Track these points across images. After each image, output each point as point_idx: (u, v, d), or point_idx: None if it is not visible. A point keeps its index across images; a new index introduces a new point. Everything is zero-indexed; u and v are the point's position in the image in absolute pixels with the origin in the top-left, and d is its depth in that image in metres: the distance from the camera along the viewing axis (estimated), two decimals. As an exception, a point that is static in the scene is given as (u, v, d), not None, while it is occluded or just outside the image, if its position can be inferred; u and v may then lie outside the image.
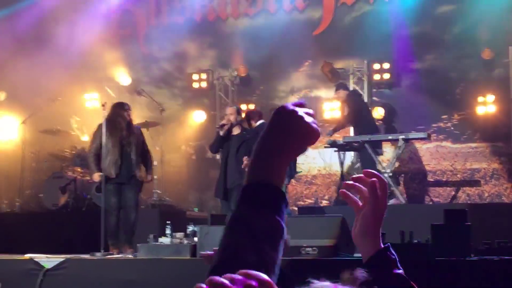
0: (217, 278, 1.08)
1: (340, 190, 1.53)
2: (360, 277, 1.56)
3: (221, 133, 8.68)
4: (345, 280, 1.55)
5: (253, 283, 1.07)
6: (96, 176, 8.33)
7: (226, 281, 1.07)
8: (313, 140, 1.31)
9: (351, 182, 1.54)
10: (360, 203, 1.55)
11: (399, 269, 1.48)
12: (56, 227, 9.29)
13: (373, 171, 1.55)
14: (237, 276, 1.09)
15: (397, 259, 1.49)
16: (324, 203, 11.42)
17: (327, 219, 7.26)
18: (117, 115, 8.38)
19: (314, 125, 1.30)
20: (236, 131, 8.72)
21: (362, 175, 1.54)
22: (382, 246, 1.51)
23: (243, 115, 9.23)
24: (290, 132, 1.28)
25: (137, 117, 11.80)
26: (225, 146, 8.77)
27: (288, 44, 11.90)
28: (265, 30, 12.02)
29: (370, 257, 1.55)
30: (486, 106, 10.78)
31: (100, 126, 8.25)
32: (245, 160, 8.22)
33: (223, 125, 8.73)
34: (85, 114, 11.66)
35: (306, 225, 7.18)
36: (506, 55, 10.74)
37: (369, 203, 1.51)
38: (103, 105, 8.40)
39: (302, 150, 1.31)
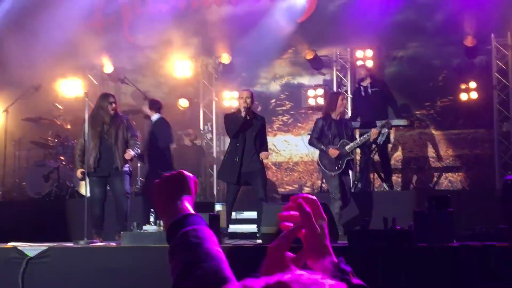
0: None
1: (280, 224, 1.56)
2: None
3: (243, 115, 8.38)
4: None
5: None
6: (78, 173, 8.36)
7: None
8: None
9: (284, 213, 1.56)
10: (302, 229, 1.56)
11: (357, 279, 1.48)
12: (39, 215, 9.24)
13: (299, 194, 1.60)
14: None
15: (352, 271, 1.48)
16: (306, 190, 11.46)
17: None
18: (99, 108, 8.39)
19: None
20: (250, 115, 8.51)
21: (290, 203, 1.56)
22: (336, 260, 1.50)
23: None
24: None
25: (121, 105, 11.83)
26: (241, 130, 8.45)
27: (272, 32, 11.88)
28: (248, 17, 11.99)
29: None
30: (469, 93, 10.86)
31: (84, 121, 8.23)
32: (264, 156, 8.38)
33: (247, 108, 8.40)
34: (68, 102, 11.61)
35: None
36: (488, 42, 10.82)
37: (305, 223, 1.52)
38: (85, 93, 8.34)
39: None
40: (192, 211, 1.58)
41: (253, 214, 8.69)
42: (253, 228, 8.61)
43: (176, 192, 1.62)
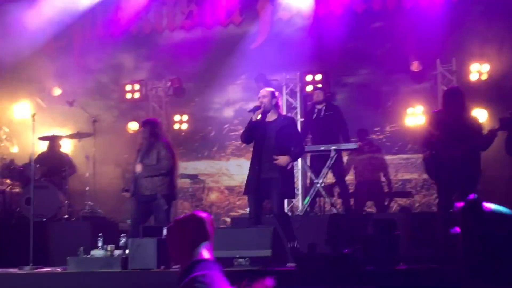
0: None
1: None
2: (270, 285, 1.60)
3: (254, 118, 7.44)
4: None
5: None
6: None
7: None
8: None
9: None
10: None
11: None
12: (-17, 240, 9.02)
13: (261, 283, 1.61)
14: None
15: None
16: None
17: (259, 230, 7.27)
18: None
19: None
20: (271, 117, 7.55)
21: None
22: None
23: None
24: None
25: (69, 128, 11.70)
26: (258, 134, 7.51)
27: (225, 57, 11.96)
28: (201, 43, 12.06)
29: None
30: (415, 117, 11.12)
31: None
32: (283, 162, 7.31)
33: (257, 107, 7.51)
34: (15, 125, 11.44)
35: (239, 236, 7.18)
36: (434, 67, 11.10)
37: None
38: (32, 116, 8.22)
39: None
40: (206, 256, 1.57)
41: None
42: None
43: (192, 238, 1.60)
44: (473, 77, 10.80)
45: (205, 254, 1.54)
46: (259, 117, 7.45)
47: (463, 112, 7.51)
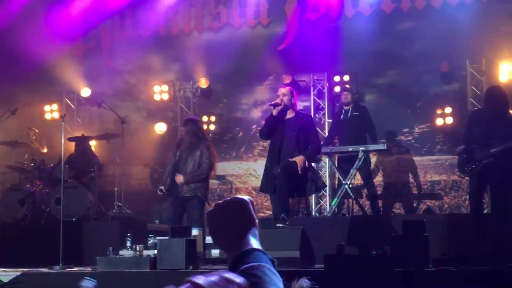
0: (197, 280, 1.09)
1: None
2: (305, 285, 1.57)
3: (274, 112, 7.54)
4: None
5: (232, 287, 1.10)
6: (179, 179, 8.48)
7: (205, 284, 1.08)
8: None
9: None
10: None
11: None
12: (14, 240, 9.12)
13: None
14: (215, 279, 1.10)
15: None
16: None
17: (287, 231, 7.26)
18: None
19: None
20: (289, 114, 7.64)
21: None
22: None
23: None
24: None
25: (98, 129, 11.79)
26: (277, 132, 7.62)
27: (252, 58, 11.98)
28: (229, 44, 12.08)
29: None
30: (444, 118, 11.03)
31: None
32: (299, 162, 7.34)
33: (277, 104, 7.58)
34: (45, 126, 11.56)
35: (266, 237, 7.17)
36: (464, 68, 11.01)
37: None
38: (62, 117, 8.31)
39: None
40: (255, 246, 1.46)
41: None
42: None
43: (238, 224, 1.51)
44: (503, 77, 10.68)
45: (254, 243, 1.45)
46: (275, 112, 7.53)
47: (505, 110, 7.48)
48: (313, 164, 8.11)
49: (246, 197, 1.55)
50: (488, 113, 7.56)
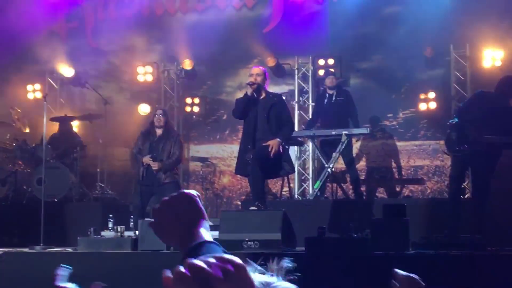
0: (195, 261, 1.08)
1: None
2: (285, 266, 1.56)
3: (249, 92, 7.53)
4: (272, 270, 1.55)
5: (229, 267, 1.10)
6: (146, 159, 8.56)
7: (204, 265, 1.07)
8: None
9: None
10: None
11: None
12: (-6, 219, 9.09)
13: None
14: (212, 260, 1.09)
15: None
16: (269, 197, 11.45)
17: (268, 213, 7.28)
18: (151, 122, 8.81)
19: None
20: (262, 95, 7.63)
21: None
22: None
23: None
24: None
25: (80, 109, 11.72)
26: (250, 113, 7.60)
27: (237, 41, 11.93)
28: (214, 26, 12.00)
29: None
30: (428, 103, 11.09)
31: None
32: (275, 146, 7.35)
33: (253, 83, 7.55)
34: (27, 106, 11.49)
35: (248, 219, 7.20)
36: (447, 53, 11.04)
37: None
38: (44, 97, 8.25)
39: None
40: (207, 238, 1.45)
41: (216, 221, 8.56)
42: (215, 235, 8.50)
43: (187, 218, 1.49)
44: (487, 63, 10.73)
45: (206, 235, 1.45)
46: (250, 92, 7.53)
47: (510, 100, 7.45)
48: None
49: (193, 191, 1.54)
50: (494, 98, 7.45)
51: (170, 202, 1.52)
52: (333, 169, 9.41)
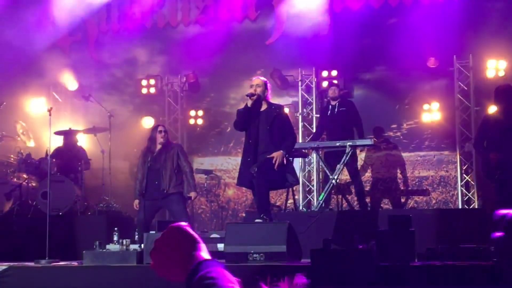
0: None
1: None
2: (299, 282, 1.57)
3: (249, 104, 7.39)
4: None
5: None
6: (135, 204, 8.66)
7: None
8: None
9: None
10: None
11: None
12: (0, 233, 9.08)
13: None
14: None
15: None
16: (274, 209, 11.44)
17: (273, 225, 7.27)
18: (149, 139, 8.80)
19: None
20: (263, 106, 7.51)
21: None
22: None
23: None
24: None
25: (85, 122, 11.74)
26: (252, 125, 7.45)
27: (240, 53, 11.96)
28: (216, 38, 12.02)
29: None
30: (431, 113, 11.09)
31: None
32: (279, 159, 7.25)
33: (252, 94, 7.42)
34: (32, 120, 11.51)
35: (253, 232, 7.18)
36: (451, 63, 11.05)
37: None
38: (49, 110, 8.26)
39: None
40: (206, 257, 1.51)
41: (221, 234, 8.55)
42: (221, 247, 8.48)
43: (184, 247, 1.55)
44: (490, 73, 10.73)
45: (204, 255, 1.50)
46: (251, 103, 7.41)
47: None
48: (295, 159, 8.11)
49: (181, 223, 1.59)
50: (502, 115, 7.62)
51: (163, 239, 1.57)
52: (337, 181, 9.41)
